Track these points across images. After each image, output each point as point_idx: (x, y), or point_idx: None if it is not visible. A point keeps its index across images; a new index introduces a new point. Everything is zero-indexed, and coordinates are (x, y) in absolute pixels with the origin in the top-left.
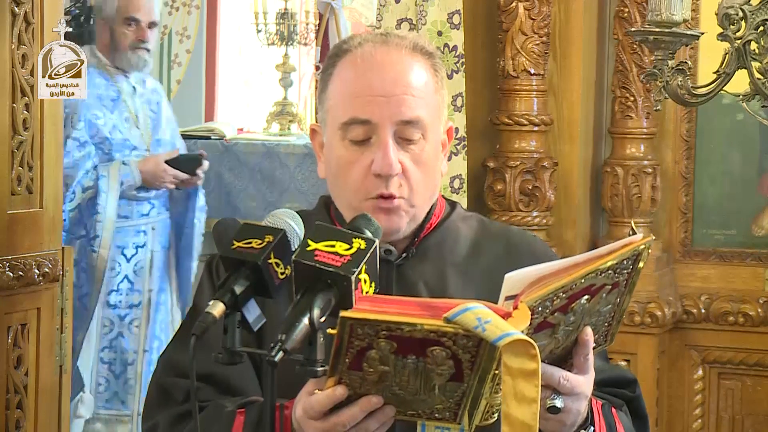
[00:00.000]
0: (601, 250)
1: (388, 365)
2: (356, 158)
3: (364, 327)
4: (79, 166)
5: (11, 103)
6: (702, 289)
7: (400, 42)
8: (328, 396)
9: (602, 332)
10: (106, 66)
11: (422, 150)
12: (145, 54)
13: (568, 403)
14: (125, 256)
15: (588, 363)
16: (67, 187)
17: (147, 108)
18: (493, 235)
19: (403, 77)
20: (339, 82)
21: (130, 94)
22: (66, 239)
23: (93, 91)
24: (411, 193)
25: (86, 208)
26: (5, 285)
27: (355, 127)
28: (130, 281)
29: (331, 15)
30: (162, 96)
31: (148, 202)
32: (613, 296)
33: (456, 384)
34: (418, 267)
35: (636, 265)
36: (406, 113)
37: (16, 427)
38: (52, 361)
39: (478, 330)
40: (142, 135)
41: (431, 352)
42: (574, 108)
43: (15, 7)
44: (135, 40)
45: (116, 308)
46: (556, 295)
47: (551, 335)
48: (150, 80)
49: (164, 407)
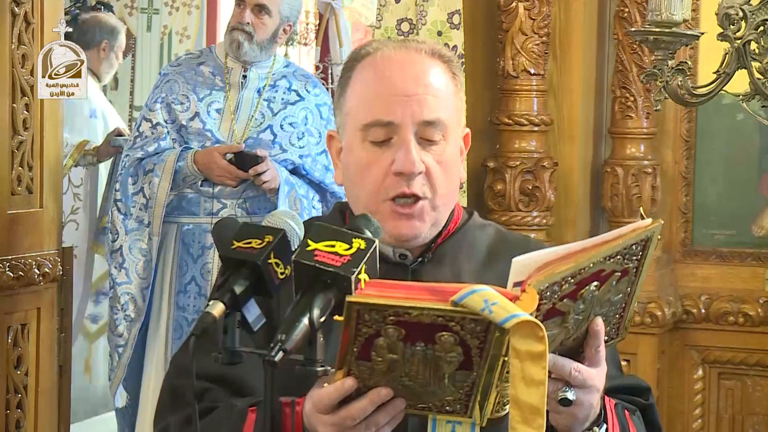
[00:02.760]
0: (610, 234)
1: (397, 353)
2: (376, 159)
3: (371, 312)
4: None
5: (11, 103)
6: (702, 289)
7: (418, 46)
8: (337, 388)
9: (614, 324)
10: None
11: (443, 151)
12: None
13: (579, 395)
14: (192, 255)
15: (600, 355)
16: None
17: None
18: (511, 244)
19: (424, 77)
20: (359, 84)
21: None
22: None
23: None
24: (434, 194)
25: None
26: (5, 285)
27: (376, 128)
28: (197, 284)
29: (331, 15)
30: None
31: (218, 201)
32: (623, 284)
33: (465, 373)
34: (433, 272)
35: (645, 251)
36: (427, 113)
37: (16, 427)
38: (52, 361)
39: (485, 312)
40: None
41: (439, 338)
42: (574, 108)
43: (15, 7)
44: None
45: (185, 311)
46: (565, 280)
47: (561, 324)
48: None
49: (176, 409)
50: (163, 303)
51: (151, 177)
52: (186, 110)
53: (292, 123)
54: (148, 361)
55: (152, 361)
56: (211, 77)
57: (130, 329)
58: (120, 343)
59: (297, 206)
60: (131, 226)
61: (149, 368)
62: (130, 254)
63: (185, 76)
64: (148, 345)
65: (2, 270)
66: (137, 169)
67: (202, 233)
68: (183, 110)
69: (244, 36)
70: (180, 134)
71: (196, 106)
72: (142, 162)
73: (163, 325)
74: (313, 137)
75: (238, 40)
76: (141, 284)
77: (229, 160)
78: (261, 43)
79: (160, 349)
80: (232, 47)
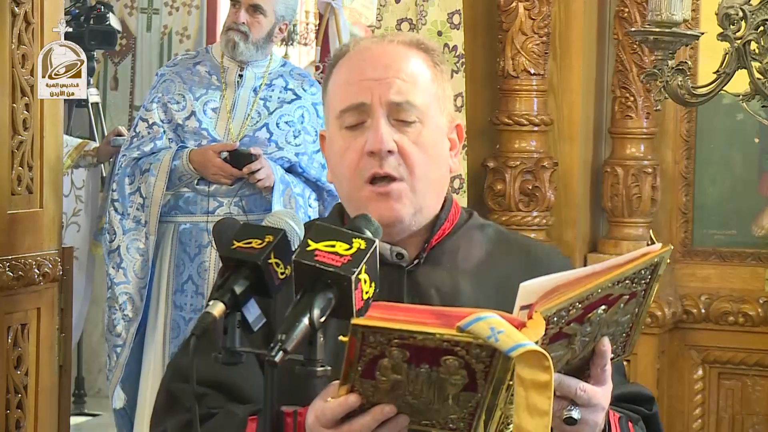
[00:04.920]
0: (619, 259)
1: (401, 374)
2: (352, 143)
3: (376, 335)
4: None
5: (11, 103)
6: (702, 289)
7: (395, 38)
8: (341, 404)
9: (620, 343)
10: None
11: (420, 133)
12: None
13: (585, 414)
14: (189, 254)
15: (605, 374)
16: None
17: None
18: (511, 246)
19: (395, 63)
20: (336, 76)
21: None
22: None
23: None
24: (411, 175)
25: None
26: (5, 285)
27: (350, 113)
28: (194, 283)
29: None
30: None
31: (214, 199)
32: (631, 306)
33: (470, 394)
34: (431, 274)
35: (654, 275)
36: (395, 95)
37: (16, 427)
38: (52, 361)
39: (491, 340)
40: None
41: (444, 361)
42: (574, 108)
43: (15, 7)
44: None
45: (182, 310)
46: (572, 306)
47: (567, 345)
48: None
49: (173, 413)
50: (161, 302)
51: (147, 176)
52: (182, 109)
53: (288, 121)
54: (146, 360)
55: (150, 361)
56: (207, 77)
57: (128, 329)
58: (118, 343)
59: (292, 204)
60: (128, 226)
61: (147, 367)
62: (128, 254)
63: (182, 76)
64: (146, 344)
65: (2, 270)
66: (134, 169)
67: (198, 232)
68: (179, 110)
69: (239, 36)
70: (176, 134)
71: (192, 105)
72: (139, 162)
73: (161, 325)
74: (310, 135)
75: (234, 40)
76: (139, 284)
77: (224, 159)
78: (257, 42)
79: (158, 349)
80: (228, 47)
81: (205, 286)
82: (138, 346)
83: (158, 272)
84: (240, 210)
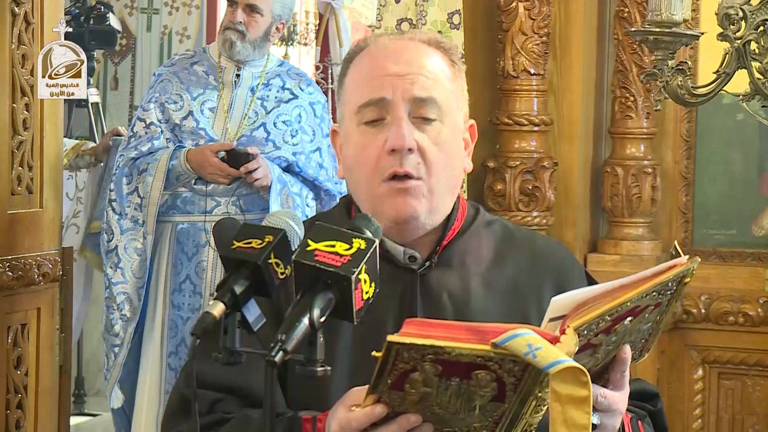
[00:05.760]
0: (647, 272)
1: (431, 387)
2: (371, 140)
3: (411, 351)
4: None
5: (11, 103)
6: (702, 289)
7: (414, 35)
8: (367, 414)
9: (638, 348)
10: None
11: (440, 132)
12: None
13: (604, 419)
14: (186, 254)
15: (624, 379)
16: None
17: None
18: (517, 243)
19: (417, 60)
20: (354, 72)
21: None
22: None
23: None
24: (429, 175)
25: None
26: (5, 285)
27: (370, 108)
28: (192, 283)
29: (331, 15)
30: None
31: (212, 199)
32: (654, 315)
33: (497, 404)
34: (442, 277)
35: (680, 285)
36: (419, 91)
37: (16, 427)
38: (52, 361)
39: (528, 356)
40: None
41: (476, 375)
42: (574, 108)
43: (15, 7)
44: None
45: (180, 309)
46: (602, 319)
47: (592, 354)
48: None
49: (186, 418)
50: (158, 302)
51: (145, 176)
52: (179, 109)
53: (285, 121)
54: (144, 360)
55: (148, 360)
56: (204, 76)
57: (126, 329)
58: (116, 343)
59: (289, 203)
60: (126, 226)
61: (145, 367)
62: (126, 254)
63: (179, 76)
64: (144, 344)
65: (2, 270)
66: (131, 169)
67: (196, 232)
68: (176, 109)
69: (236, 35)
70: (174, 133)
71: (190, 104)
72: (136, 162)
73: (159, 324)
74: (307, 135)
75: (231, 40)
76: (136, 284)
77: (221, 158)
78: (254, 42)
79: (156, 348)
80: (225, 47)
81: (203, 285)
82: (136, 345)
83: (156, 272)
84: (237, 209)
